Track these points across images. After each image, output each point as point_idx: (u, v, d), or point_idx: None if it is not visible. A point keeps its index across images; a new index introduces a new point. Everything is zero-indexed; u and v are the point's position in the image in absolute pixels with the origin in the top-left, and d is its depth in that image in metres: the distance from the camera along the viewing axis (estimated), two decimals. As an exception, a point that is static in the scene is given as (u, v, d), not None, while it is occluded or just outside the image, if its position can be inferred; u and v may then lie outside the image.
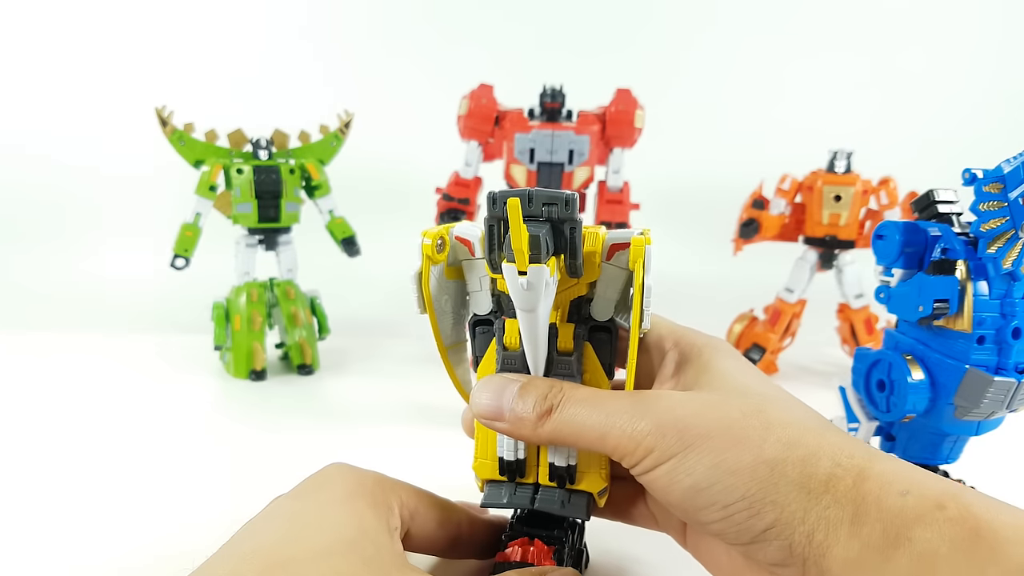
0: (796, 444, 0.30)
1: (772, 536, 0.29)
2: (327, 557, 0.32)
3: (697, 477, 0.31)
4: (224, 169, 0.80)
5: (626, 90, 0.81)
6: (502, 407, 0.35)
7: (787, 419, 0.32)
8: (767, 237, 0.87)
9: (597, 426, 0.33)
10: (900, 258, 0.48)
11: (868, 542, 0.28)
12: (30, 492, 0.54)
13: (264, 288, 0.83)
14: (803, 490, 0.29)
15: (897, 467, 0.30)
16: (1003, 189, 0.42)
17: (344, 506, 0.35)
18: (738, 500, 0.30)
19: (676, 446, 0.31)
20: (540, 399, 0.34)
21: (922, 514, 0.27)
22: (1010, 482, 0.56)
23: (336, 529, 0.33)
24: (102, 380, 0.80)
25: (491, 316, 0.38)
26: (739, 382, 0.34)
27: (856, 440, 0.32)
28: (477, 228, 0.35)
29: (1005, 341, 0.45)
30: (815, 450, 0.30)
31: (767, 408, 0.32)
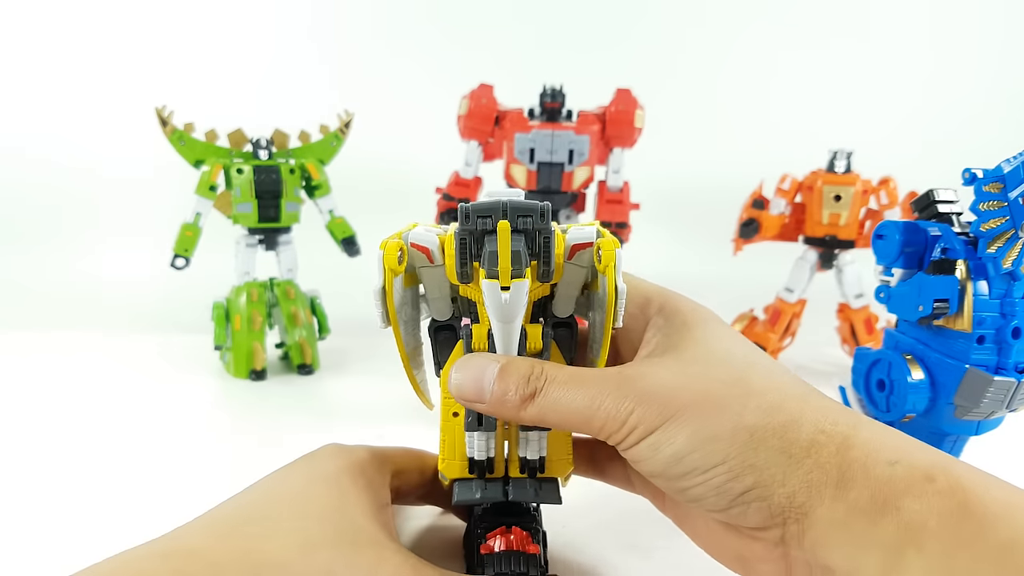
0: (777, 410, 0.30)
1: (751, 498, 0.30)
2: (298, 522, 0.33)
3: (677, 446, 0.31)
4: (224, 169, 0.80)
5: (626, 90, 0.81)
6: (483, 388, 0.34)
7: (769, 385, 0.32)
8: (767, 237, 0.87)
9: (582, 409, 0.32)
10: (900, 258, 0.48)
11: (855, 506, 0.28)
12: (30, 492, 0.54)
13: (264, 288, 0.83)
14: (784, 454, 0.29)
15: (884, 435, 0.30)
16: (1003, 189, 0.42)
17: (325, 482, 0.36)
18: (717, 464, 0.30)
19: (658, 419, 0.31)
20: (522, 381, 0.33)
21: (911, 485, 0.27)
22: (1010, 482, 0.56)
23: (312, 502, 0.35)
24: (102, 380, 0.80)
25: (452, 321, 0.38)
26: (722, 349, 0.34)
27: (841, 406, 0.32)
28: (433, 234, 0.35)
29: (1005, 341, 0.45)
30: (797, 416, 0.30)
31: (749, 375, 0.32)
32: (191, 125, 0.80)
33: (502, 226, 0.30)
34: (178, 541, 0.32)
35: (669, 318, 0.36)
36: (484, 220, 0.32)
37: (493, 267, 0.31)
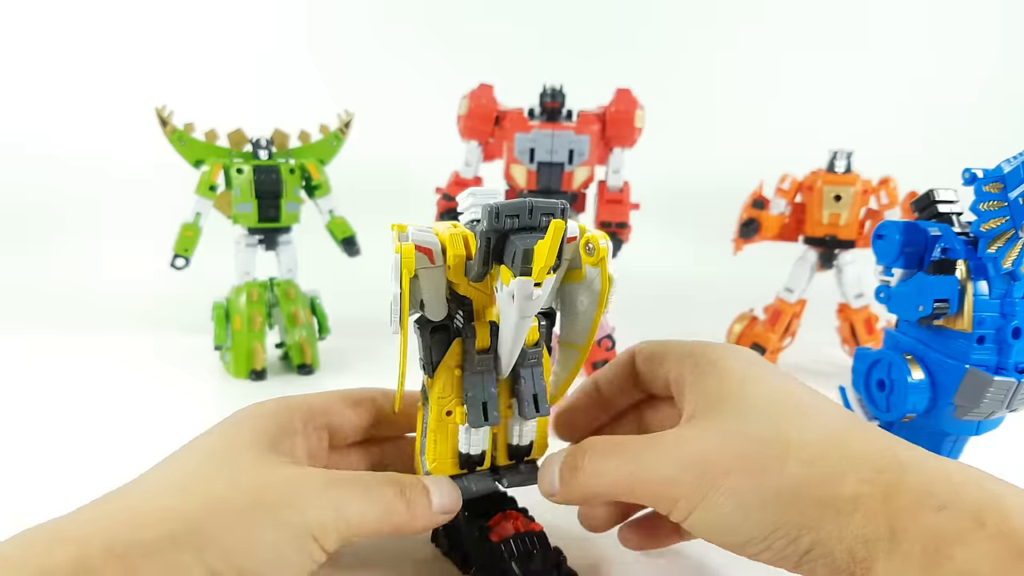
0: (817, 463, 0.30)
1: (815, 556, 0.30)
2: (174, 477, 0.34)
3: (727, 517, 0.31)
4: (224, 169, 0.80)
5: (626, 90, 0.81)
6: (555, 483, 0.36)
7: (807, 437, 0.31)
8: (767, 237, 0.87)
9: (624, 479, 0.33)
10: (900, 258, 0.48)
11: (908, 559, 0.28)
12: (30, 493, 0.54)
13: (264, 288, 0.83)
14: (832, 510, 0.29)
15: (931, 476, 0.29)
16: (1003, 189, 0.42)
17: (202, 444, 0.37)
18: (772, 531, 0.30)
19: (700, 490, 0.31)
20: (569, 455, 0.36)
21: (961, 532, 0.27)
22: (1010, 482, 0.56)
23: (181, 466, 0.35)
24: (102, 380, 0.80)
25: (446, 321, 0.38)
26: (757, 399, 0.34)
27: (886, 445, 0.31)
28: (430, 234, 0.36)
29: (1005, 341, 0.45)
30: (839, 467, 0.30)
31: (786, 427, 0.32)
32: (191, 125, 0.80)
33: (557, 225, 0.31)
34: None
35: (703, 374, 0.37)
36: (512, 219, 0.33)
37: (527, 264, 0.32)
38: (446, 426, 0.39)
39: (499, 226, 0.33)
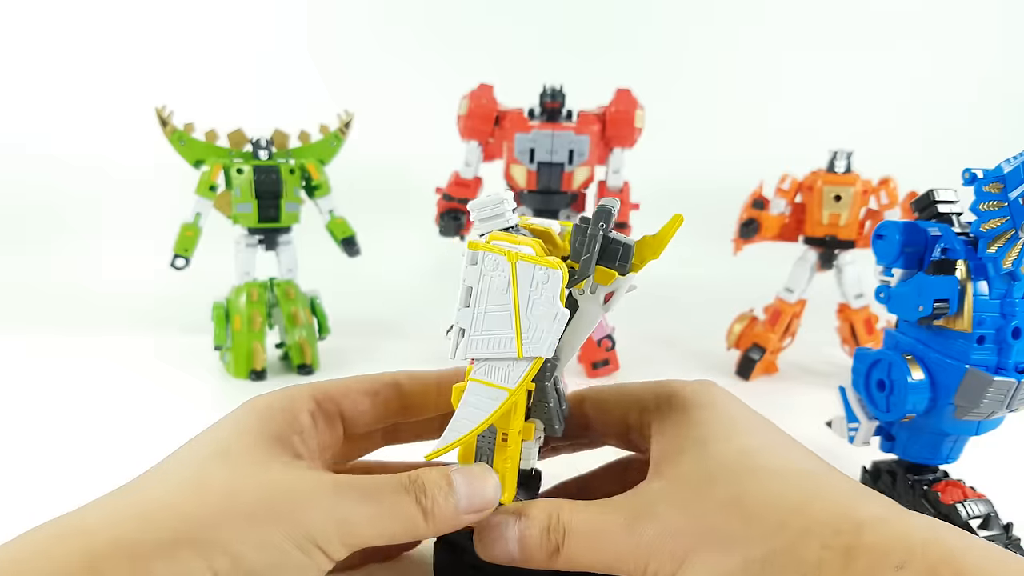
0: (780, 530, 0.30)
1: None
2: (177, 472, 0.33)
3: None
4: (224, 169, 0.80)
5: (626, 90, 0.81)
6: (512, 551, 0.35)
7: (767, 499, 0.32)
8: (767, 237, 0.87)
9: (605, 562, 0.34)
10: (900, 258, 0.48)
11: None
12: (31, 493, 0.54)
13: (264, 288, 0.83)
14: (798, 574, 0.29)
15: (889, 532, 0.29)
16: (1003, 189, 0.42)
17: (219, 431, 0.37)
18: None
19: (671, 567, 0.32)
20: (544, 534, 0.35)
21: None
22: (1010, 482, 0.56)
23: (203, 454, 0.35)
24: (102, 380, 0.80)
25: None
26: (720, 457, 0.34)
27: (847, 505, 0.31)
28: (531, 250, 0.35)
29: (1005, 341, 0.45)
30: (802, 532, 0.30)
31: (745, 490, 0.32)
32: (191, 125, 0.80)
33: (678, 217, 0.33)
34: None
35: (668, 428, 0.37)
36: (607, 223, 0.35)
37: (628, 261, 0.35)
38: (505, 454, 0.37)
39: (608, 227, 0.34)
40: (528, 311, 0.34)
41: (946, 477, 0.51)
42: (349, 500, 0.32)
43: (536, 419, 0.37)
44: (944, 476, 0.51)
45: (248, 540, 0.30)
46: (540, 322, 0.33)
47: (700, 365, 0.92)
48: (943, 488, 0.49)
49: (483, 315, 0.34)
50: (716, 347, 0.93)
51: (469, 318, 0.34)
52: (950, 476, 0.51)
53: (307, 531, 0.31)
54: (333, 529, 0.31)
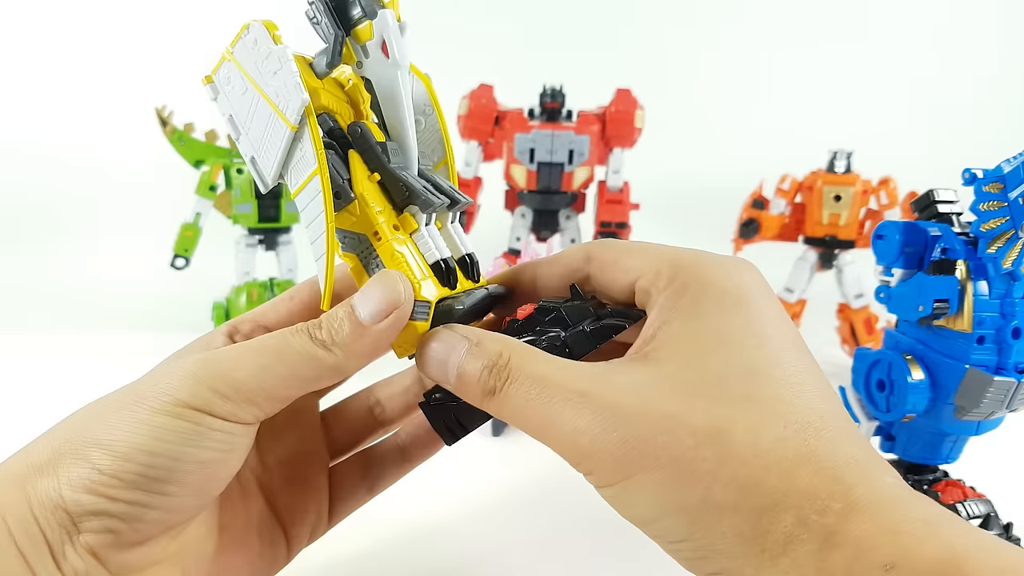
0: (754, 489, 0.25)
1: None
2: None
3: (640, 510, 0.27)
4: (224, 169, 0.80)
5: (626, 90, 0.81)
6: (448, 372, 0.31)
7: (752, 448, 0.26)
8: (767, 237, 0.87)
9: (539, 424, 0.28)
10: (900, 258, 0.48)
11: None
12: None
13: (264, 288, 0.83)
14: (756, 546, 0.25)
15: (883, 525, 0.24)
16: (1003, 189, 0.42)
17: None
18: (682, 540, 0.26)
19: (615, 475, 0.27)
20: (486, 371, 0.29)
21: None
22: (1010, 482, 0.56)
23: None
24: (102, 380, 0.79)
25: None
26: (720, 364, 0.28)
27: (840, 479, 0.25)
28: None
29: (1005, 341, 0.45)
30: (778, 499, 0.25)
31: (731, 427, 0.26)
32: (191, 125, 0.81)
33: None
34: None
35: (672, 302, 0.30)
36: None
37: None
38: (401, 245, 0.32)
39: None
40: (266, 80, 0.31)
41: (946, 477, 0.51)
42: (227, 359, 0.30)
43: (410, 206, 0.33)
44: (944, 476, 0.51)
45: (118, 428, 0.29)
46: (276, 78, 0.31)
47: (700, 365, 0.92)
48: (943, 488, 0.49)
49: (250, 128, 0.32)
50: (716, 347, 0.93)
51: (247, 143, 0.32)
52: (950, 476, 0.51)
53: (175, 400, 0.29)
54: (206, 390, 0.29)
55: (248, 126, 0.31)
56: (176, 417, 0.29)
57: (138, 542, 0.29)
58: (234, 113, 0.32)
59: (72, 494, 0.28)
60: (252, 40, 0.31)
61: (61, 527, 0.28)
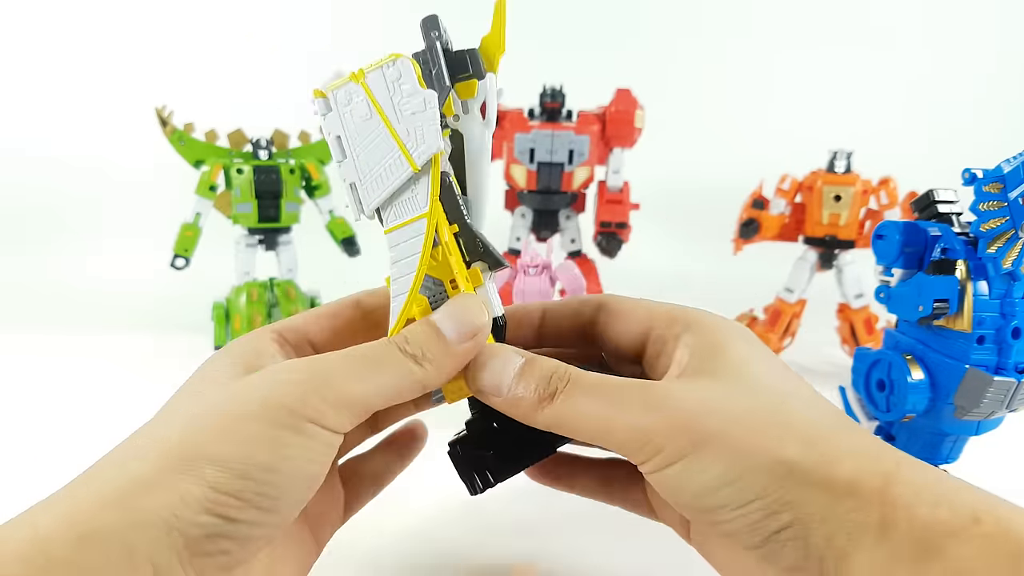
0: (817, 443, 0.28)
1: (787, 536, 0.28)
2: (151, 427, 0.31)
3: (709, 477, 0.28)
4: (224, 169, 0.80)
5: (626, 90, 0.81)
6: (501, 384, 0.32)
7: (808, 417, 0.30)
8: (767, 237, 0.87)
9: (602, 418, 0.30)
10: (900, 258, 0.48)
11: (896, 552, 0.26)
12: (31, 493, 0.54)
13: (264, 288, 0.83)
14: (824, 490, 0.27)
15: (927, 475, 0.28)
16: (1003, 189, 0.42)
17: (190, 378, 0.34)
18: (753, 500, 0.28)
19: (687, 446, 0.29)
20: (543, 380, 0.31)
21: (956, 528, 0.25)
22: (1010, 482, 0.56)
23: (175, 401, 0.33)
24: (102, 381, 0.80)
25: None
26: (757, 373, 0.31)
27: (883, 443, 0.30)
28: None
29: (1005, 341, 0.45)
30: (838, 451, 0.28)
31: (788, 403, 0.30)
32: (191, 125, 0.81)
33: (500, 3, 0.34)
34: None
35: (700, 336, 0.34)
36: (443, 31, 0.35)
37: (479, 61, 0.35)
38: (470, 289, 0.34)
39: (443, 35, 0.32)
40: (399, 116, 0.32)
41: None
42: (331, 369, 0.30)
43: (477, 262, 0.34)
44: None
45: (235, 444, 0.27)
46: (415, 119, 0.31)
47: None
48: (943, 488, 0.49)
49: (362, 155, 0.32)
50: (716, 347, 0.93)
51: (352, 167, 0.32)
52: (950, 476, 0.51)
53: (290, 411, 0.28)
54: (322, 403, 0.29)
55: (359, 152, 0.32)
56: (293, 431, 0.28)
57: (242, 562, 0.29)
58: (345, 135, 0.32)
59: (190, 515, 0.26)
60: (395, 74, 0.32)
61: (172, 551, 0.26)
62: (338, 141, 0.32)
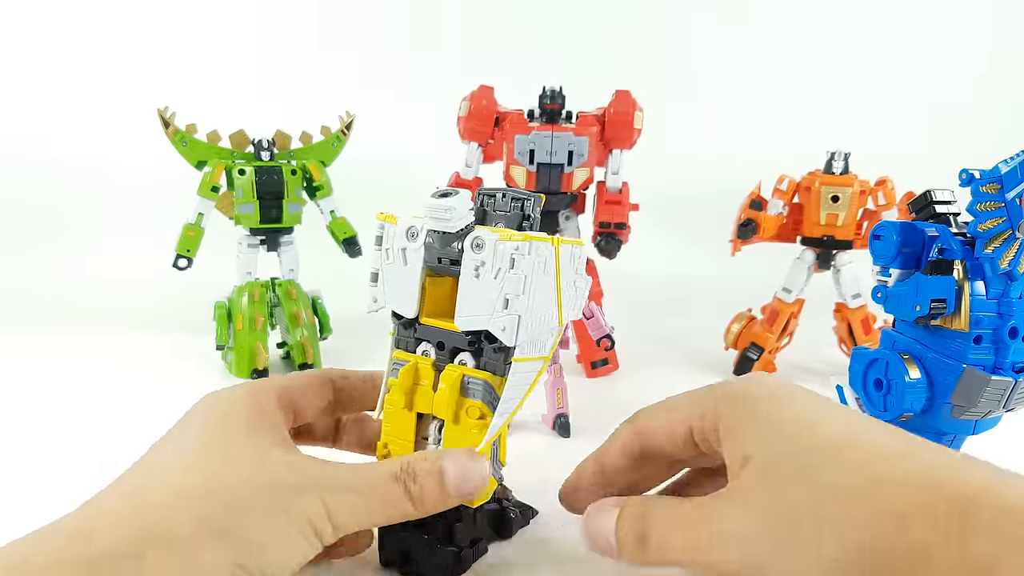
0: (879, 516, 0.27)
1: None
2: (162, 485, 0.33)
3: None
4: (226, 170, 0.81)
5: (625, 91, 0.81)
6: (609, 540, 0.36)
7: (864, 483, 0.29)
8: (765, 238, 0.88)
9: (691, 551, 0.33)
10: (897, 258, 0.49)
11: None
12: (31, 494, 0.54)
13: (266, 288, 0.83)
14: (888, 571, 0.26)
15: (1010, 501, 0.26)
16: (1000, 189, 0.42)
17: (192, 430, 0.37)
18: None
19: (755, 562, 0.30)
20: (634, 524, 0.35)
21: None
22: None
23: (179, 454, 0.35)
24: (104, 381, 0.80)
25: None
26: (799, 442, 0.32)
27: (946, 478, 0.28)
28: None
29: (1002, 341, 0.45)
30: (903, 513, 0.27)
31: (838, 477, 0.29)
32: (193, 126, 0.81)
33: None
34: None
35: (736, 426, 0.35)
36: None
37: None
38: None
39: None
40: (568, 284, 0.39)
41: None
42: (345, 488, 0.34)
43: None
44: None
45: (258, 525, 0.31)
46: (577, 293, 0.40)
47: (698, 365, 0.93)
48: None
49: (534, 299, 0.38)
50: (714, 347, 0.94)
51: (523, 305, 0.37)
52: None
53: (308, 517, 0.32)
54: (328, 515, 0.33)
55: (533, 295, 0.38)
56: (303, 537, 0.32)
57: None
58: (531, 278, 0.37)
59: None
60: (578, 253, 0.40)
61: None
62: (524, 280, 0.37)
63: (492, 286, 0.37)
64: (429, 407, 0.41)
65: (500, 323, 0.37)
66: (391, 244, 0.42)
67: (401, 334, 0.43)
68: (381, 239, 0.43)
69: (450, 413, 0.39)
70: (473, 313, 0.38)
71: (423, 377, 0.41)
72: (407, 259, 0.41)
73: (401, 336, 0.43)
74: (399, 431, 0.42)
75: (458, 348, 0.40)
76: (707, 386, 0.39)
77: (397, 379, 0.41)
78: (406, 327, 0.43)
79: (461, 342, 0.40)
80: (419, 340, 0.42)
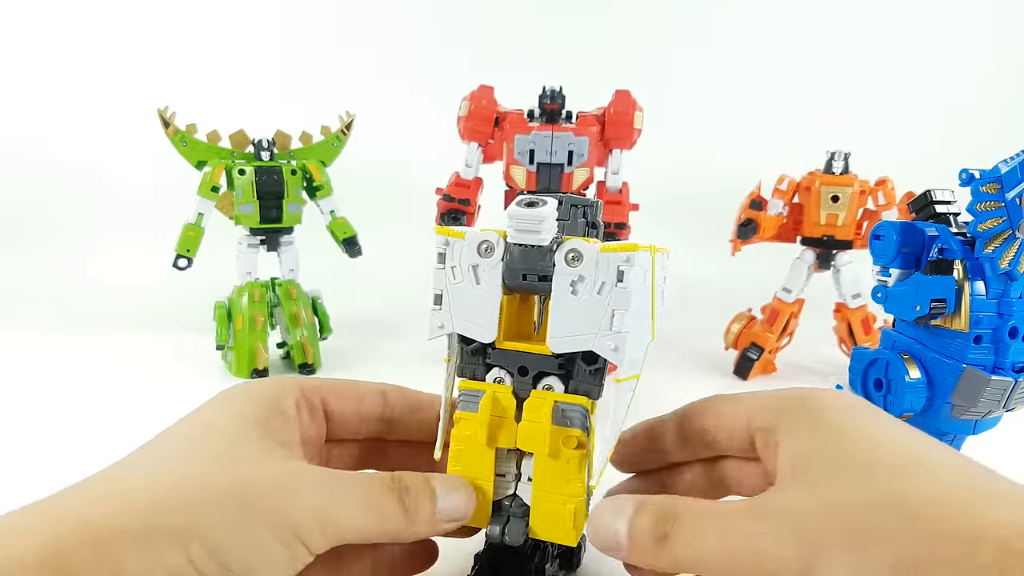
0: (947, 536, 0.26)
1: None
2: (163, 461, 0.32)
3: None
4: (226, 170, 0.81)
5: (625, 91, 0.82)
6: (619, 533, 0.32)
7: (932, 498, 0.27)
8: (765, 237, 0.88)
9: (716, 553, 0.30)
10: (897, 258, 0.49)
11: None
12: (31, 493, 0.54)
13: (266, 288, 0.83)
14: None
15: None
16: (1000, 189, 0.42)
17: (191, 423, 0.36)
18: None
19: (801, 561, 0.28)
20: (658, 521, 0.32)
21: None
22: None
23: (184, 439, 0.34)
24: (105, 381, 0.80)
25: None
26: (860, 452, 0.30)
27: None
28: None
29: (1002, 340, 0.45)
30: (975, 536, 0.25)
31: (905, 488, 0.28)
32: (193, 126, 0.81)
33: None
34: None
35: (795, 428, 0.33)
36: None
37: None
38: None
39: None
40: (660, 295, 0.37)
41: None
42: (334, 492, 0.32)
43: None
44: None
45: (226, 529, 0.29)
46: (667, 304, 0.37)
47: (699, 364, 0.93)
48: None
49: (636, 311, 0.35)
50: (714, 347, 0.94)
51: (627, 319, 0.34)
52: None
53: (287, 522, 0.30)
54: (314, 521, 0.31)
55: (638, 307, 0.35)
56: (282, 544, 0.30)
57: None
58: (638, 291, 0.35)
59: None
60: (668, 265, 0.38)
61: None
62: (632, 294, 0.34)
63: (594, 302, 0.34)
64: (512, 441, 0.37)
65: (609, 342, 0.34)
66: (458, 262, 0.36)
67: (467, 360, 0.38)
68: (444, 256, 0.37)
69: (546, 445, 0.35)
70: (571, 333, 0.34)
71: (505, 408, 0.37)
72: (479, 278, 0.36)
73: (467, 363, 0.38)
74: (476, 470, 0.37)
75: (543, 372, 0.37)
76: (775, 388, 0.37)
77: (477, 412, 0.37)
78: (475, 353, 0.38)
79: (548, 365, 0.36)
80: (489, 366, 0.38)
